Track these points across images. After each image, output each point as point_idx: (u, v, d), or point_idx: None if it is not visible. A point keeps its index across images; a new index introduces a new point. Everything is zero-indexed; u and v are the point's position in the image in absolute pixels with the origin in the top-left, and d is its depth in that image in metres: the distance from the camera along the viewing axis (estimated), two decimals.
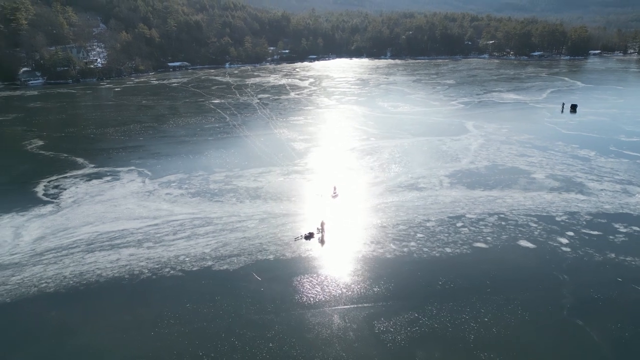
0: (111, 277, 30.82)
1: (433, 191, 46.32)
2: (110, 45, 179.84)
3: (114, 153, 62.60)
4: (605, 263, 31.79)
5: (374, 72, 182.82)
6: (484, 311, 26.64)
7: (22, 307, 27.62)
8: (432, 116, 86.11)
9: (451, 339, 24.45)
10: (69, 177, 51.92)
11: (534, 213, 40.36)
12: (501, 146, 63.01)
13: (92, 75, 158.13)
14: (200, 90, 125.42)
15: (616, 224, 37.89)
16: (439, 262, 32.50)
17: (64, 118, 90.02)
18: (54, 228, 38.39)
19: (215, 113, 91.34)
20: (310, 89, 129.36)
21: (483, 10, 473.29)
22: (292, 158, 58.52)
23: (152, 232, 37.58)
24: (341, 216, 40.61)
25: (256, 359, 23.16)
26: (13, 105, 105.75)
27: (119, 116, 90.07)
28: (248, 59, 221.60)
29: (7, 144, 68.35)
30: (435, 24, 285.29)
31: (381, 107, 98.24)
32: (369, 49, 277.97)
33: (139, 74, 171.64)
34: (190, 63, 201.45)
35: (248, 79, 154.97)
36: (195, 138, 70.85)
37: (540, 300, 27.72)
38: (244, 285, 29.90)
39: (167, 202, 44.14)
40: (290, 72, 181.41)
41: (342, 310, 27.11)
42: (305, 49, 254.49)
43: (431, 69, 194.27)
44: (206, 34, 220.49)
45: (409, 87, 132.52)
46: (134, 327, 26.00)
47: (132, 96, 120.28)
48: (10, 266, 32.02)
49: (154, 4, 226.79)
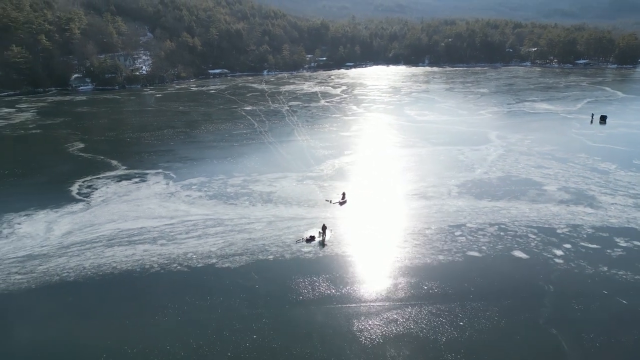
0: (124, 269, 33.99)
1: (440, 200, 47.30)
2: (155, 53, 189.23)
3: (145, 156, 67.00)
4: (595, 276, 32.05)
5: (408, 79, 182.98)
6: (461, 316, 27.79)
7: (44, 293, 31.09)
8: (457, 125, 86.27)
9: (423, 339, 25.80)
10: (101, 178, 56.32)
11: (535, 224, 40.70)
12: (520, 157, 62.84)
13: (137, 82, 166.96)
14: (235, 97, 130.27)
15: (618, 238, 37.74)
16: (428, 268, 33.74)
17: (105, 122, 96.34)
18: (82, 224, 42.25)
19: (245, 120, 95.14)
20: (341, 97, 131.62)
21: (531, 17, 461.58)
22: (309, 165, 60.78)
23: (167, 230, 40.71)
24: (344, 221, 42.42)
25: (240, 348, 25.39)
26: (62, 110, 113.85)
27: (155, 121, 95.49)
28: (286, 66, 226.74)
29: (52, 146, 74.30)
30: (476, 31, 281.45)
31: (407, 115, 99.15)
32: (406, 56, 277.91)
33: (181, 80, 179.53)
34: (229, 70, 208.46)
35: (282, 87, 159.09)
36: (222, 143, 74.51)
37: (519, 308, 28.54)
38: (241, 282, 32.27)
39: (186, 203, 47.37)
40: (324, 80, 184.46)
41: (326, 309, 28.95)
42: (342, 56, 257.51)
43: (468, 77, 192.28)
44: (246, 42, 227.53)
45: (440, 95, 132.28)
46: (138, 314, 28.88)
47: (170, 102, 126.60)
48: (38, 257, 35.84)
49: (198, 14, 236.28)
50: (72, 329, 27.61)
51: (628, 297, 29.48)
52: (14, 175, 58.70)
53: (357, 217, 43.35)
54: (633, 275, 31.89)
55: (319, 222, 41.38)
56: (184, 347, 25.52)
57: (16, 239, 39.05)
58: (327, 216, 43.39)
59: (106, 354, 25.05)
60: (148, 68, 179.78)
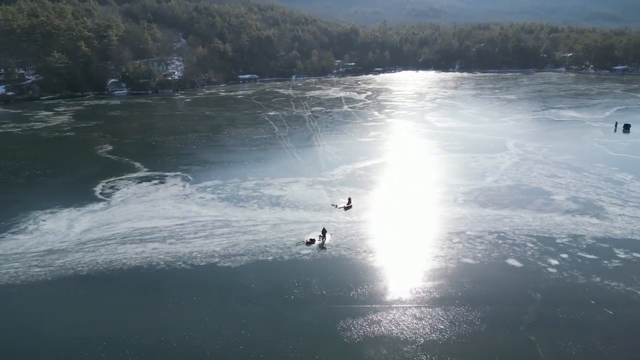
0: (133, 265, 36.39)
1: (444, 207, 47.90)
2: (187, 58, 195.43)
3: (167, 159, 70.13)
4: (586, 286, 32.18)
5: (435, 85, 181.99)
6: (442, 319, 28.64)
7: (59, 285, 33.77)
8: (476, 133, 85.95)
9: (402, 341, 26.83)
10: (124, 179, 59.54)
11: (536, 234, 40.84)
12: (534, 166, 62.39)
13: (169, 87, 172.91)
14: (260, 102, 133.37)
15: (618, 249, 37.52)
16: (420, 272, 34.64)
17: (134, 126, 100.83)
18: (100, 222, 45.15)
19: (267, 125, 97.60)
20: (365, 102, 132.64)
21: (569, 20, 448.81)
22: (321, 170, 62.27)
23: (177, 230, 43.04)
24: (346, 226, 43.67)
25: (228, 342, 27.11)
26: (97, 113, 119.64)
27: (181, 125, 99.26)
28: (314, 71, 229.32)
29: (83, 148, 78.64)
30: (509, 36, 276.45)
31: (428, 122, 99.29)
32: (436, 62, 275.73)
33: (211, 85, 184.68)
34: (259, 75, 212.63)
35: (308, 92, 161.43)
36: (241, 148, 77.01)
37: (502, 314, 29.12)
38: (239, 281, 34.07)
39: (198, 204, 49.73)
40: (350, 85, 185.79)
41: (314, 309, 30.33)
42: (371, 61, 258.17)
43: (497, 82, 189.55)
44: (276, 48, 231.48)
45: (465, 101, 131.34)
46: (140, 307, 31.12)
47: (199, 107, 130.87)
48: (57, 252, 38.75)
49: (230, 20, 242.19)
50: (79, 318, 30.04)
51: (615, 307, 29.56)
52: (46, 175, 62.77)
53: (359, 222, 44.51)
54: (625, 287, 31.86)
55: (322, 225, 42.76)
56: (177, 338, 27.45)
57: (39, 235, 42.22)
58: (330, 220, 44.76)
59: (106, 342, 27.25)
60: (180, 73, 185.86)
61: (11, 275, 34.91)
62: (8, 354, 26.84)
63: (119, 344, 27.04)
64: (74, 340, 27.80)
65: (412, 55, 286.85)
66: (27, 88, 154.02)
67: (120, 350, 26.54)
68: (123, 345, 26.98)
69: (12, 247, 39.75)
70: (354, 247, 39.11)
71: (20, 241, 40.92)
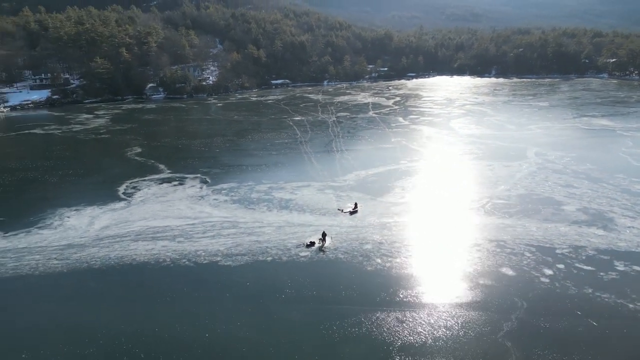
0: (141, 261, 38.92)
1: (448, 215, 48.22)
2: (222, 64, 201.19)
3: (189, 161, 73.27)
4: (575, 297, 32.08)
5: (467, 91, 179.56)
6: (423, 323, 29.43)
7: (72, 277, 36.67)
8: (498, 140, 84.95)
9: (379, 341, 27.85)
10: (146, 180, 62.86)
11: (536, 243, 40.70)
12: (550, 175, 61.42)
13: (204, 92, 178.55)
14: (288, 108, 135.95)
15: (618, 261, 36.98)
16: (409, 277, 35.45)
17: (165, 129, 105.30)
18: (118, 220, 48.20)
19: (290, 130, 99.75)
20: (391, 108, 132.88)
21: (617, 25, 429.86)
22: (335, 175, 63.54)
23: (188, 229, 45.44)
24: (348, 230, 44.79)
25: (213, 333, 28.94)
26: (132, 117, 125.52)
27: (209, 129, 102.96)
28: (346, 76, 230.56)
29: (114, 150, 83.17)
30: (548, 41, 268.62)
31: (452, 128, 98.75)
32: (472, 67, 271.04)
33: (244, 90, 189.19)
34: (291, 81, 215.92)
35: (337, 97, 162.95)
36: (261, 152, 79.36)
37: (483, 320, 29.60)
38: (236, 279, 35.92)
39: (211, 206, 52.12)
40: (381, 90, 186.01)
41: (302, 308, 31.82)
42: (404, 66, 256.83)
43: (533, 89, 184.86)
44: (309, 54, 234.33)
45: (494, 108, 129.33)
46: (141, 299, 33.58)
47: (228, 111, 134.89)
48: (75, 246, 41.85)
49: (265, 26, 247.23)
50: (84, 308, 32.69)
51: (600, 319, 29.46)
52: (77, 175, 67.03)
53: (361, 227, 45.50)
54: (615, 299, 31.58)
55: (325, 229, 44.06)
56: (167, 328, 29.58)
57: (62, 230, 45.61)
58: (333, 224, 46.05)
59: (105, 329, 29.69)
60: (214, 78, 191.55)
61: (32, 267, 38.12)
62: (20, 338, 29.64)
63: (116, 334, 29.36)
64: (77, 327, 30.36)
65: (447, 61, 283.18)
66: (71, 92, 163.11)
67: (117, 339, 28.83)
68: (120, 335, 29.27)
69: (37, 240, 43.21)
70: (351, 251, 40.21)
71: (44, 235, 44.38)
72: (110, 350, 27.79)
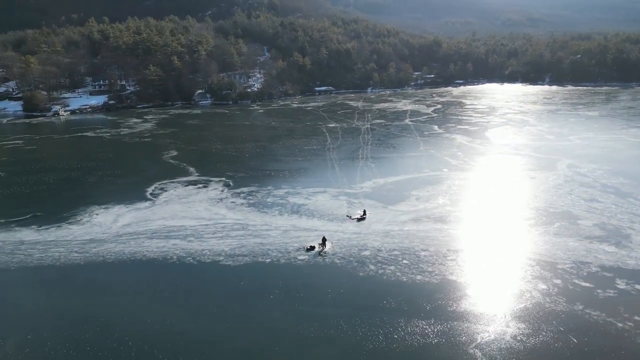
0: (151, 258, 41.71)
1: (457, 225, 47.91)
2: (267, 71, 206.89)
3: (218, 165, 76.57)
4: (563, 313, 31.30)
5: (514, 99, 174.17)
6: (399, 330, 29.88)
7: (87, 269, 39.96)
8: (532, 151, 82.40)
9: (351, 344, 28.65)
10: (174, 182, 66.53)
11: (539, 257, 39.78)
12: (576, 188, 59.12)
13: (248, 98, 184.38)
14: (325, 114, 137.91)
15: (621, 279, 35.53)
16: (400, 285, 35.81)
17: (204, 134, 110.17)
18: (140, 219, 51.61)
19: (322, 136, 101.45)
20: (429, 116, 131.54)
21: None
22: (353, 182, 64.38)
23: (200, 230, 47.99)
24: (351, 236, 45.59)
25: (205, 326, 30.86)
26: (177, 122, 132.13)
27: (244, 134, 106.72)
28: (391, 83, 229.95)
29: (152, 152, 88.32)
30: (609, 47, 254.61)
31: (486, 137, 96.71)
32: (524, 74, 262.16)
33: (287, 97, 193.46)
34: (335, 88, 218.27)
35: (377, 104, 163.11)
36: (288, 158, 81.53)
37: (459, 330, 29.64)
38: (232, 278, 37.79)
39: (227, 208, 54.56)
40: (423, 98, 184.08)
41: (286, 308, 33.12)
42: (452, 73, 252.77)
43: (586, 97, 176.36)
44: (354, 61, 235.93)
45: (538, 117, 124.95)
46: (143, 292, 36.18)
47: (268, 118, 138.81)
48: (96, 241, 45.41)
49: (312, 34, 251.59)
50: (95, 298, 35.69)
51: (583, 336, 28.71)
52: (113, 175, 72.01)
53: (365, 234, 46.10)
54: (605, 317, 30.55)
55: (328, 234, 45.17)
56: (159, 321, 31.84)
57: (88, 226, 49.55)
58: (337, 230, 47.06)
59: (104, 318, 32.41)
60: (259, 85, 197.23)
61: (54, 258, 41.87)
62: (29, 324, 32.98)
63: (111, 323, 31.98)
64: (77, 315, 33.33)
65: (497, 67, 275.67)
66: (125, 97, 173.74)
67: (111, 327, 31.43)
68: (115, 324, 31.86)
69: (64, 234, 47.28)
70: (348, 257, 41.03)
71: (72, 230, 48.44)
72: (101, 337, 30.35)
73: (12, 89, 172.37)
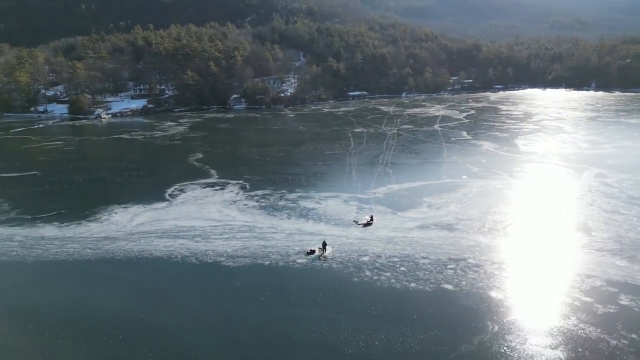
0: (156, 256, 43.33)
1: (463, 234, 47.01)
2: (301, 76, 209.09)
3: (239, 168, 78.22)
4: (554, 327, 30.28)
5: (553, 105, 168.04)
6: (381, 336, 29.81)
7: (96, 265, 42.00)
8: (560, 159, 79.50)
9: (331, 347, 28.85)
10: (194, 184, 68.59)
11: (542, 269, 38.63)
12: (599, 199, 56.67)
13: (281, 103, 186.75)
14: (354, 119, 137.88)
15: (625, 295, 33.97)
16: (391, 292, 35.67)
17: (231, 137, 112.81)
18: (154, 219, 53.63)
19: (346, 141, 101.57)
20: (460, 122, 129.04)
21: None
22: (367, 187, 64.27)
23: (208, 231, 49.37)
24: (353, 242, 45.63)
25: (187, 323, 31.93)
26: (208, 125, 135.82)
27: (270, 138, 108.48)
28: (426, 88, 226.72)
29: (179, 155, 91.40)
30: None
31: (514, 145, 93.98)
32: (569, 79, 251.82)
33: (320, 102, 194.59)
34: (369, 92, 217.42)
35: (409, 109, 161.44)
36: (308, 162, 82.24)
37: (444, 339, 29.32)
38: (228, 278, 38.84)
39: (238, 210, 55.81)
40: (458, 103, 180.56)
41: (274, 310, 33.68)
42: (491, 78, 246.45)
43: (632, 104, 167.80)
44: (390, 65, 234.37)
45: (575, 124, 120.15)
46: (140, 288, 37.77)
47: (297, 122, 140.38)
48: (110, 239, 47.61)
49: (348, 39, 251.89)
50: (100, 290, 37.58)
51: (571, 352, 27.66)
52: (139, 176, 75.15)
53: (368, 240, 46.01)
54: (600, 334, 29.39)
55: (333, 239, 45.48)
56: (152, 314, 33.18)
57: (106, 224, 51.99)
58: (341, 235, 47.27)
59: (102, 310, 34.07)
60: (292, 90, 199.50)
61: (69, 254, 44.26)
62: (28, 314, 35.15)
63: (106, 314, 33.60)
64: (76, 306, 35.20)
65: (540, 72, 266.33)
66: (164, 101, 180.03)
67: (103, 321, 33.04)
68: (109, 315, 33.47)
69: (82, 231, 49.86)
70: (346, 262, 41.17)
71: (90, 227, 51.00)
72: (93, 326, 31.97)
73: (60, 93, 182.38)
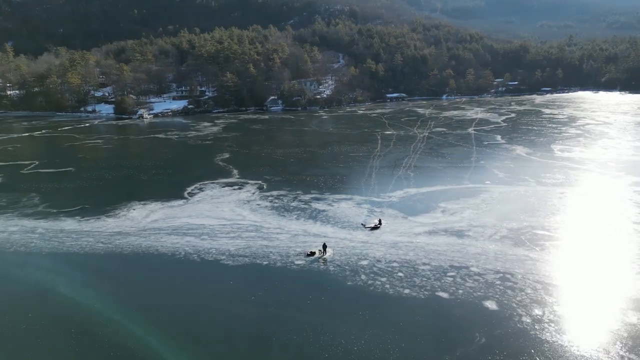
0: (162, 252, 44.40)
1: (471, 240, 45.23)
2: (339, 78, 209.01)
3: (261, 168, 78.96)
4: (546, 343, 28.40)
5: (602, 109, 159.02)
6: (362, 342, 29.06)
7: (104, 258, 43.59)
8: (597, 166, 75.08)
9: (310, 352, 28.53)
10: (214, 183, 69.89)
11: (547, 281, 36.43)
12: (630, 209, 53.16)
13: (317, 104, 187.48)
14: (387, 121, 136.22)
15: (634, 312, 31.38)
16: (383, 297, 34.77)
17: (260, 138, 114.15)
18: (168, 216, 55.04)
19: (374, 143, 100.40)
20: (497, 125, 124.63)
21: None
22: (383, 191, 63.13)
23: (216, 229, 50.07)
24: (356, 245, 44.90)
25: (190, 321, 32.49)
26: (242, 126, 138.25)
27: (298, 140, 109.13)
28: (468, 90, 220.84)
29: (206, 154, 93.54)
30: None
31: (550, 150, 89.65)
32: (624, 81, 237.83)
33: (356, 104, 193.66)
34: (408, 94, 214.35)
35: (446, 112, 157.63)
36: (330, 164, 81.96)
37: (429, 348, 28.26)
38: (225, 277, 39.21)
39: (250, 210, 56.31)
40: (499, 106, 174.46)
41: (262, 311, 33.70)
42: (538, 80, 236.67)
43: None
44: (430, 67, 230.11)
45: (622, 129, 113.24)
46: (136, 283, 38.81)
47: (329, 124, 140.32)
48: (122, 234, 49.28)
49: (389, 40, 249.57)
50: (106, 284, 38.97)
51: None
52: (165, 174, 77.47)
53: (371, 244, 45.11)
54: (597, 352, 27.25)
55: (337, 242, 45.04)
56: (147, 311, 33.99)
57: (122, 220, 53.87)
58: (346, 238, 46.69)
59: (101, 305, 35.30)
60: (329, 92, 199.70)
61: (81, 247, 46.20)
62: (35, 307, 36.87)
63: (102, 307, 34.75)
64: (75, 299, 36.61)
65: (593, 74, 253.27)
66: (203, 102, 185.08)
67: (103, 312, 34.20)
68: (100, 310, 34.60)
69: (99, 226, 51.93)
70: (344, 265, 40.55)
71: (107, 222, 53.03)
72: (87, 319, 33.14)
73: (107, 94, 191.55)
